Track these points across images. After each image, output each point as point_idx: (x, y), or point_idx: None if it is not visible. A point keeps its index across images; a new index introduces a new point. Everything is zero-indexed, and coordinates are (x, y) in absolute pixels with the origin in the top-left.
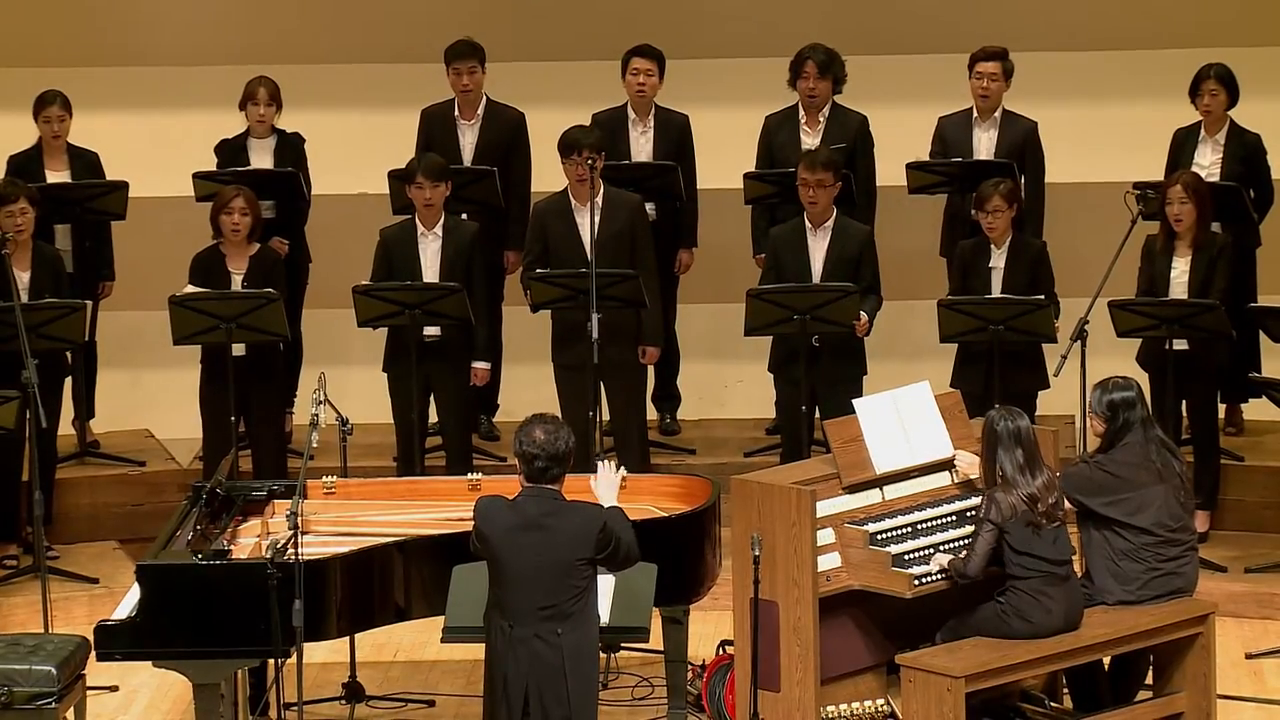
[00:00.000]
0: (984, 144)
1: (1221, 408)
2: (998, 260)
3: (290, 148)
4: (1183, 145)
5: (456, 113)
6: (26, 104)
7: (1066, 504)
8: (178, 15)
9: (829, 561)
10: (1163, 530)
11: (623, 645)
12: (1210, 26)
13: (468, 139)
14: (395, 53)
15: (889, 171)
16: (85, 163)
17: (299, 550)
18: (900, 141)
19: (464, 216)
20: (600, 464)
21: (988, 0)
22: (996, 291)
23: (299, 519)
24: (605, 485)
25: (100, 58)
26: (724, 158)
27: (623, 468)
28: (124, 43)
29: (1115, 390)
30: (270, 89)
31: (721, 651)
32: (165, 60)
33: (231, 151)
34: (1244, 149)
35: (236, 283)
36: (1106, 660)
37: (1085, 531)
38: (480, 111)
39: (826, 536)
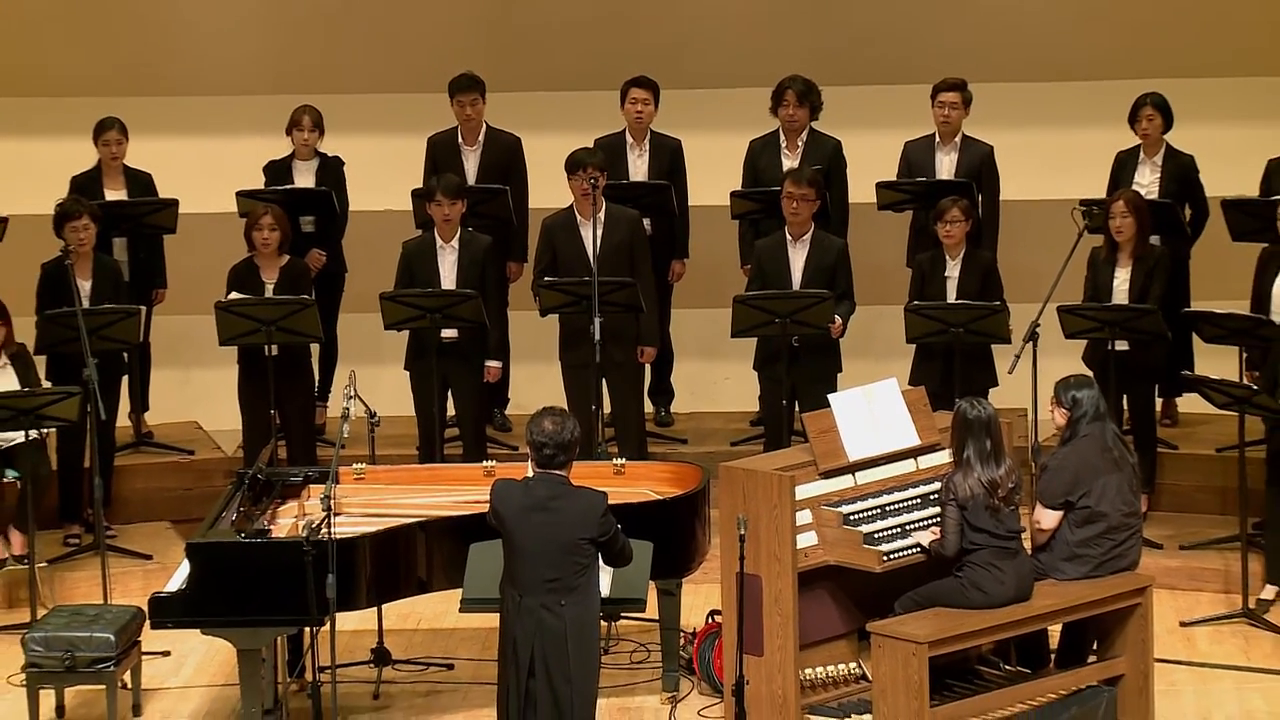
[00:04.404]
0: (945, 166)
1: (1158, 402)
2: (953, 270)
3: (330, 169)
4: (1124, 166)
5: (460, 139)
6: (88, 130)
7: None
8: (222, 50)
9: (807, 539)
10: (1118, 515)
11: (622, 615)
12: (1147, 59)
13: (470, 163)
14: (418, 83)
15: (860, 190)
16: (140, 182)
17: (332, 529)
18: (871, 163)
19: (471, 230)
20: None
21: (949, 36)
22: (952, 298)
23: (332, 502)
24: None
25: (153, 88)
26: (713, 177)
27: (623, 457)
28: (174, 74)
29: (1078, 387)
30: (314, 116)
31: (711, 620)
32: (210, 90)
33: (277, 172)
34: (1179, 169)
35: (269, 291)
36: (1058, 628)
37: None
38: (481, 138)
39: (805, 517)
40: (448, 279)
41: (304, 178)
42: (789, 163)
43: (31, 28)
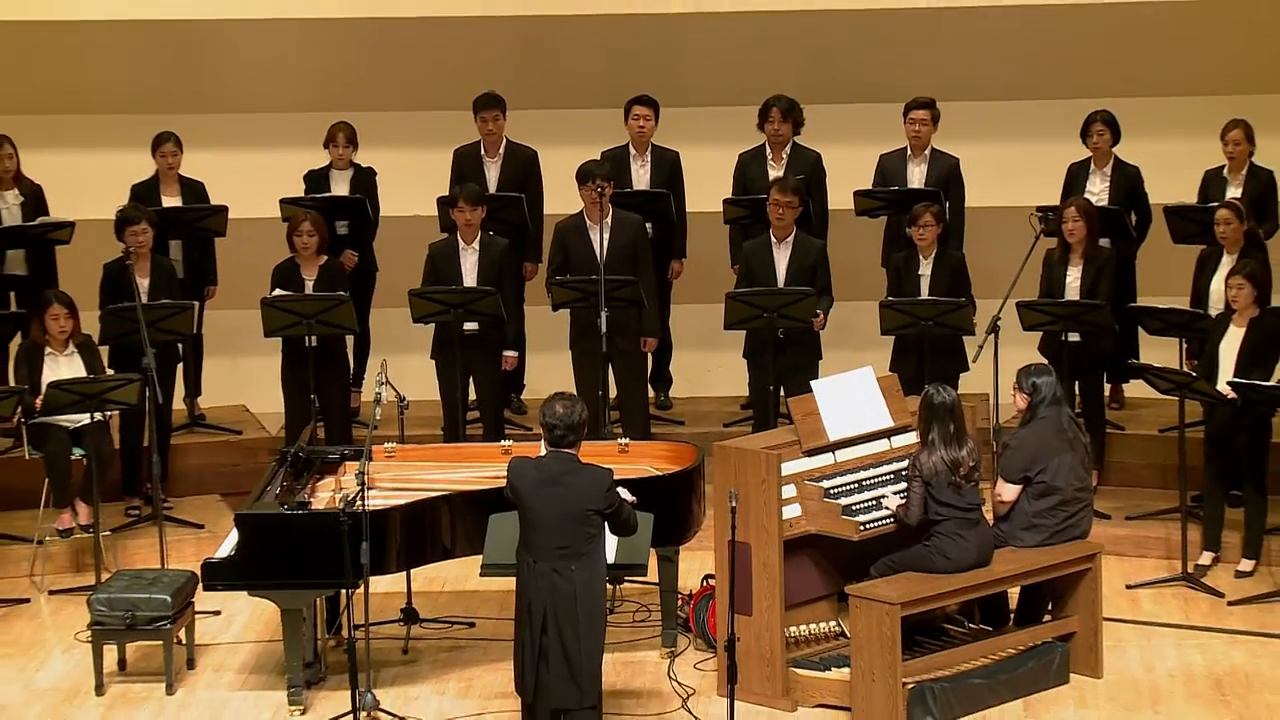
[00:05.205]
0: (916, 176)
1: (1107, 387)
2: (925, 269)
3: (364, 178)
4: (1076, 176)
5: (482, 152)
6: (147, 143)
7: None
8: (267, 72)
9: (791, 511)
10: (1071, 489)
11: (626, 578)
12: (1098, 81)
13: (491, 173)
14: (444, 101)
15: (839, 198)
16: (194, 190)
17: (365, 502)
18: (848, 173)
19: (491, 234)
20: None
21: (919, 59)
22: (925, 294)
23: (366, 477)
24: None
25: (206, 105)
26: (707, 186)
27: (627, 437)
28: (224, 94)
29: (1038, 374)
30: (348, 131)
31: (705, 583)
32: (257, 108)
33: (316, 180)
34: (1126, 179)
35: (309, 288)
36: (1017, 590)
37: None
38: (501, 150)
39: (789, 491)
40: (469, 277)
41: (340, 186)
42: (775, 173)
43: (97, 52)
